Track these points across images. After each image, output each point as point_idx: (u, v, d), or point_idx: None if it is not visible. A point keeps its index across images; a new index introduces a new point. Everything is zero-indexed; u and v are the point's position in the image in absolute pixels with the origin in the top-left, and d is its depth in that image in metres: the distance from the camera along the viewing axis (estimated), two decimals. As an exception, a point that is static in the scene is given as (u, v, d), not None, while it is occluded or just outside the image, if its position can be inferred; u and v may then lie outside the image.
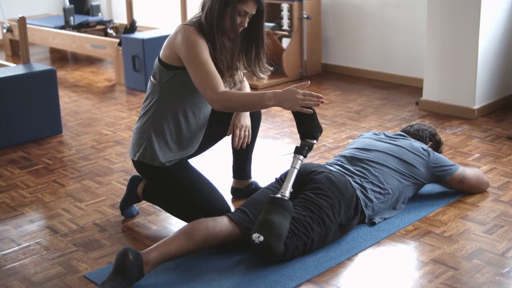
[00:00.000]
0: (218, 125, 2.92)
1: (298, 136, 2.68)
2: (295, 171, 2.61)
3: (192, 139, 2.80)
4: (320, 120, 4.40)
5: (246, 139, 2.85)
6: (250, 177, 3.16)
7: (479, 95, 4.35)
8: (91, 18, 6.68)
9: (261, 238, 2.41)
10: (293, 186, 2.62)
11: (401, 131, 3.32)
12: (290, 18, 5.53)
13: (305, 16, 5.47)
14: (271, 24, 5.47)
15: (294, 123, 2.68)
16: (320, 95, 2.53)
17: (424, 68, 4.61)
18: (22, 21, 4.22)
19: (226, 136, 2.97)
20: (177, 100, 2.71)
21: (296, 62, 5.59)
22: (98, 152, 3.87)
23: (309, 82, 2.61)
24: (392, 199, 2.89)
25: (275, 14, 5.83)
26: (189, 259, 2.53)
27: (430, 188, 3.17)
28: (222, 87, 2.57)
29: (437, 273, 2.44)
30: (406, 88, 5.20)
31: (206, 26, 2.65)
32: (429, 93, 4.57)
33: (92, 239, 2.77)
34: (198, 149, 2.91)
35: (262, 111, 4.70)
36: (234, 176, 3.16)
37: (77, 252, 2.66)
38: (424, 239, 2.71)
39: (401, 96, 5.01)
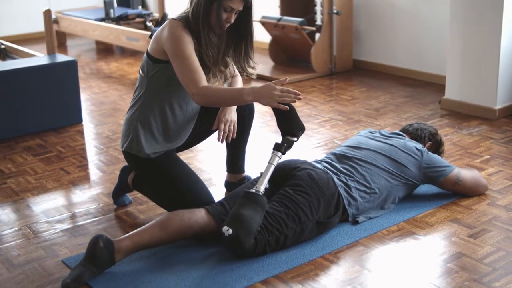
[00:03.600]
0: (207, 120, 2.95)
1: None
2: (272, 167, 2.62)
3: (179, 132, 2.85)
4: (337, 117, 4.42)
5: (231, 134, 2.87)
6: (243, 171, 3.19)
7: (501, 95, 4.22)
8: (130, 11, 6.83)
9: (230, 231, 2.44)
10: (274, 181, 2.65)
11: (400, 130, 3.27)
12: (323, 13, 5.50)
13: (334, 11, 5.43)
14: (300, 19, 5.46)
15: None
16: (298, 91, 2.53)
17: (447, 66, 4.50)
18: (47, 14, 4.38)
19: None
20: (163, 93, 2.76)
21: (325, 58, 5.56)
22: (111, 142, 3.98)
23: (288, 79, 2.62)
24: (380, 199, 2.86)
25: (309, 9, 5.82)
26: (165, 249, 2.58)
27: (426, 188, 3.11)
28: (204, 82, 2.60)
29: (407, 275, 2.40)
30: (434, 86, 5.09)
31: (193, 21, 2.68)
32: (451, 92, 4.47)
33: (79, 225, 2.87)
34: (188, 143, 2.97)
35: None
36: (228, 170, 3.19)
37: (62, 237, 2.76)
38: (404, 240, 2.67)
39: (426, 94, 4.91)
